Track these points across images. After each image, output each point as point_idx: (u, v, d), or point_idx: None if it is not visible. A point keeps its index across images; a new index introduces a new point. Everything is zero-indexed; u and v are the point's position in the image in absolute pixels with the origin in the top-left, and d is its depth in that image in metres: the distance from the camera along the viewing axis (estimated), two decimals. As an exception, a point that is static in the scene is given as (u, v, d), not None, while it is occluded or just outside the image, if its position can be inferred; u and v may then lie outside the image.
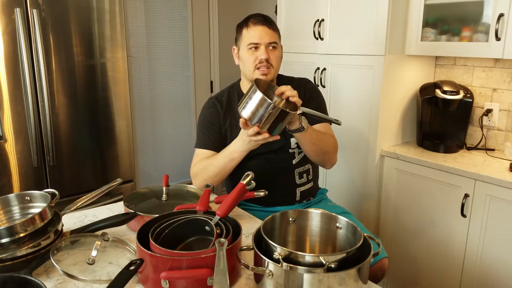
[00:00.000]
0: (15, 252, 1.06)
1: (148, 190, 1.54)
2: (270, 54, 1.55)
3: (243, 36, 1.58)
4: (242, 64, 1.62)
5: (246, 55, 1.57)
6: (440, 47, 2.15)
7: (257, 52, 1.55)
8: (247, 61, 1.57)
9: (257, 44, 1.55)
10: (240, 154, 1.48)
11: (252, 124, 1.32)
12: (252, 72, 1.57)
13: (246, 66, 1.59)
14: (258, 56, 1.55)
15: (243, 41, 1.58)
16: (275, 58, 1.58)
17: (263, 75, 1.55)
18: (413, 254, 2.22)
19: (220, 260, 0.94)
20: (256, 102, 1.28)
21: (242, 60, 1.61)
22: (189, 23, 3.50)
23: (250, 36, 1.56)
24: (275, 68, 1.59)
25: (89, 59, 2.47)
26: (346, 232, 1.09)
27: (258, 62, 1.55)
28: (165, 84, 3.48)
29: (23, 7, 2.19)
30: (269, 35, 1.56)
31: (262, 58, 1.54)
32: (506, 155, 2.10)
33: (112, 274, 1.09)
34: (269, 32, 1.56)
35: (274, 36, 1.58)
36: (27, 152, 2.33)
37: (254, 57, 1.55)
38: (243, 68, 1.63)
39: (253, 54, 1.56)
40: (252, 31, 1.55)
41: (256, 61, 1.55)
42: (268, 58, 1.55)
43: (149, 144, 3.46)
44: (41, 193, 1.27)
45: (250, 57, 1.56)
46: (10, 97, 2.23)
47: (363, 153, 2.34)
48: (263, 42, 1.54)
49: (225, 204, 1.15)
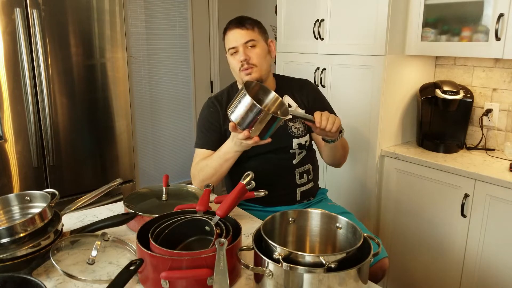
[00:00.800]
0: (15, 252, 1.06)
1: (148, 190, 1.54)
2: (249, 53, 1.58)
3: (225, 43, 1.64)
4: (231, 68, 1.67)
5: (230, 60, 1.63)
6: (440, 47, 2.15)
7: (237, 55, 1.59)
8: (232, 65, 1.63)
9: (235, 47, 1.59)
10: (234, 154, 1.49)
11: (241, 129, 1.29)
12: (238, 75, 1.62)
13: (234, 71, 1.64)
14: (238, 58, 1.58)
15: (226, 47, 1.64)
16: (256, 56, 1.59)
17: (248, 75, 1.59)
18: (413, 254, 2.22)
19: (220, 260, 0.94)
20: (245, 107, 1.24)
21: (230, 65, 1.66)
22: (189, 23, 3.50)
23: (228, 42, 1.61)
24: (259, 66, 1.60)
25: (89, 59, 2.47)
26: (346, 232, 1.09)
27: (241, 65, 1.59)
28: (165, 84, 3.47)
29: (23, 7, 2.19)
30: (243, 36, 1.58)
31: (241, 59, 1.57)
32: (506, 155, 2.10)
33: (112, 274, 1.09)
34: (243, 33, 1.58)
35: (249, 34, 1.59)
36: (27, 152, 2.33)
37: (237, 61, 1.60)
38: (232, 72, 1.67)
39: (235, 58, 1.60)
40: (229, 36, 1.60)
41: (239, 64, 1.59)
42: (248, 58, 1.57)
43: (149, 144, 3.46)
44: (41, 193, 1.27)
45: (233, 61, 1.61)
46: (10, 97, 2.23)
47: (363, 153, 2.34)
48: (239, 44, 1.58)
49: (225, 204, 1.15)
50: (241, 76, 1.61)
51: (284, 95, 1.69)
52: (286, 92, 1.70)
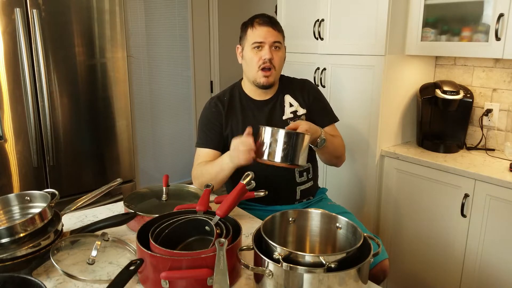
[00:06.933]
0: (15, 252, 1.06)
1: (148, 190, 1.54)
2: (273, 54, 1.57)
3: (248, 36, 1.60)
4: (245, 63, 1.63)
5: (250, 54, 1.59)
6: (440, 47, 2.15)
7: (261, 52, 1.57)
8: (251, 61, 1.59)
9: (261, 43, 1.56)
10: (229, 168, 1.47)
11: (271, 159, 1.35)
12: (255, 73, 1.59)
13: (250, 66, 1.60)
14: (262, 55, 1.56)
15: (248, 40, 1.59)
16: (278, 59, 1.59)
17: (265, 78, 1.58)
18: (413, 254, 2.22)
19: (220, 260, 0.94)
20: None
21: (246, 60, 1.62)
22: (189, 23, 3.51)
23: (255, 36, 1.57)
24: (277, 70, 1.61)
25: (89, 59, 2.47)
26: (346, 232, 1.09)
27: (262, 62, 1.56)
28: (165, 84, 3.48)
29: (23, 7, 2.19)
30: (273, 35, 1.58)
31: (266, 58, 1.55)
32: (506, 155, 2.10)
33: (112, 274, 1.09)
34: (274, 33, 1.58)
35: (278, 36, 1.59)
36: (27, 152, 2.33)
37: (258, 57, 1.57)
38: (246, 67, 1.64)
39: (257, 54, 1.57)
40: (257, 31, 1.57)
41: (260, 61, 1.57)
42: (272, 58, 1.56)
43: (149, 144, 3.46)
44: (41, 193, 1.27)
45: (254, 56, 1.58)
46: (10, 97, 2.23)
47: (363, 153, 2.34)
48: (267, 41, 1.56)
49: (225, 204, 1.15)
50: (257, 76, 1.59)
51: (286, 94, 1.70)
52: (288, 92, 1.70)
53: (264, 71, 1.57)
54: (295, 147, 1.33)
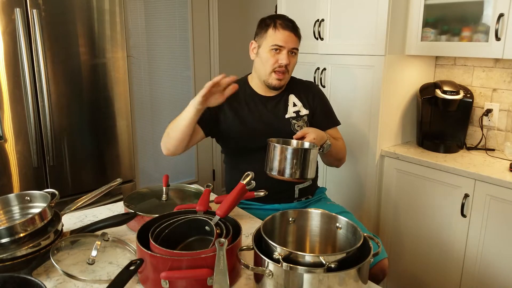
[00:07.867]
0: (15, 252, 1.06)
1: (148, 190, 1.54)
2: (290, 59, 1.60)
3: (268, 36, 1.60)
4: (259, 62, 1.64)
5: (267, 55, 1.60)
6: (440, 47, 2.15)
7: (278, 55, 1.59)
8: (267, 62, 1.60)
9: (281, 47, 1.58)
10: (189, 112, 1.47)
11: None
12: (268, 74, 1.61)
13: (265, 65, 1.61)
14: (279, 59, 1.58)
15: (267, 41, 1.60)
16: (293, 65, 1.64)
17: (278, 80, 1.61)
18: (413, 254, 2.22)
19: (220, 260, 0.94)
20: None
21: (261, 59, 1.63)
22: (189, 23, 3.50)
23: (276, 38, 1.58)
24: (290, 75, 1.66)
25: (89, 59, 2.47)
26: (346, 232, 1.09)
27: (278, 66, 1.59)
28: (165, 84, 3.47)
29: (23, 7, 2.19)
30: (294, 42, 1.61)
31: (283, 63, 1.58)
32: (506, 155, 2.10)
33: (112, 274, 1.09)
34: (295, 39, 1.61)
35: (296, 43, 1.63)
36: (27, 152, 2.33)
37: (275, 60, 1.59)
38: (259, 65, 1.65)
39: (274, 56, 1.59)
40: (280, 34, 1.58)
41: (276, 64, 1.59)
42: (288, 63, 1.59)
43: (149, 144, 3.46)
44: (41, 193, 1.27)
45: (271, 58, 1.59)
46: (10, 97, 2.23)
47: (363, 153, 2.34)
48: (287, 46, 1.58)
49: (225, 204, 1.15)
50: (270, 77, 1.61)
51: (291, 94, 1.71)
52: (292, 92, 1.72)
53: (278, 74, 1.60)
54: (304, 162, 1.36)
